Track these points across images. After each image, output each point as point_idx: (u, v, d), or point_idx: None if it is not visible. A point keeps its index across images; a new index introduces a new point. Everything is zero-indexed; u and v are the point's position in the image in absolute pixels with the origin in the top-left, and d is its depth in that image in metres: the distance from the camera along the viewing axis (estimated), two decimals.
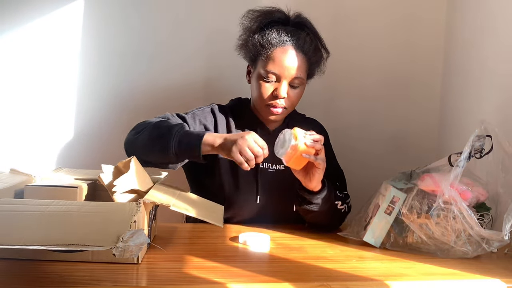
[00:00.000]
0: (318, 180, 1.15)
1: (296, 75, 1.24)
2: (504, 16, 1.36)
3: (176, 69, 1.68)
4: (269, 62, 1.24)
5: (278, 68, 1.23)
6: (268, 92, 1.25)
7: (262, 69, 1.25)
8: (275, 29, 1.26)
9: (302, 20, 1.32)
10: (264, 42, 1.25)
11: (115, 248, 0.76)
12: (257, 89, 1.26)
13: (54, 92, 1.64)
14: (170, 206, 0.96)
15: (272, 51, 1.24)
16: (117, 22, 1.65)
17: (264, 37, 1.25)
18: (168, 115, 1.27)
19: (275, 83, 1.25)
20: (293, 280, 0.83)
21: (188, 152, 1.13)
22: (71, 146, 1.65)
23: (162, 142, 1.13)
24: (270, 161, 1.30)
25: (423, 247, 1.05)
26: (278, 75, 1.23)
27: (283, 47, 1.24)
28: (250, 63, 1.33)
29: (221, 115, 1.33)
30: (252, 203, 1.28)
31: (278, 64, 1.23)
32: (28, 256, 0.86)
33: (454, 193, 1.00)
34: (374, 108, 1.75)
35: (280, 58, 1.23)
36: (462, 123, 1.58)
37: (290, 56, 1.24)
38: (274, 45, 1.24)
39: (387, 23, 1.73)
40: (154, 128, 1.17)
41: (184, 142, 1.13)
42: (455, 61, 1.66)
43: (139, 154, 1.11)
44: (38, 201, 0.90)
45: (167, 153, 1.13)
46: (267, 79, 1.24)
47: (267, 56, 1.24)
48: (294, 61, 1.24)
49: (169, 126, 1.16)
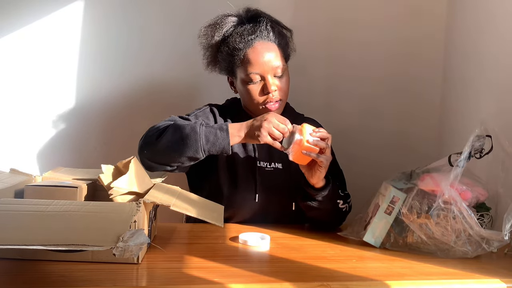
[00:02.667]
0: (319, 177, 1.16)
1: (276, 64, 1.26)
2: (504, 16, 1.36)
3: (176, 69, 1.68)
4: (246, 65, 1.25)
5: (257, 67, 1.24)
6: (257, 92, 1.26)
7: (243, 74, 1.26)
8: (236, 33, 1.27)
9: (254, 12, 1.32)
10: (232, 50, 1.26)
11: (115, 248, 0.76)
12: (247, 94, 1.27)
13: (54, 92, 1.64)
14: (170, 206, 0.96)
15: (244, 55, 1.25)
16: (117, 21, 1.65)
17: (229, 45, 1.27)
18: (174, 117, 1.26)
19: (260, 81, 1.26)
20: (293, 280, 0.83)
21: (217, 146, 1.14)
22: (71, 146, 1.65)
23: (189, 141, 1.12)
24: (268, 160, 1.31)
25: (423, 247, 1.05)
26: (260, 73, 1.25)
27: (252, 46, 1.25)
28: (228, 74, 1.34)
29: (218, 113, 1.34)
30: (251, 202, 1.28)
31: (255, 63, 1.24)
32: (28, 256, 0.86)
33: (454, 193, 1.00)
34: (374, 108, 1.75)
35: (254, 57, 1.24)
36: (462, 123, 1.58)
37: (262, 51, 1.25)
38: (242, 49, 1.25)
39: (387, 24, 1.73)
40: (176, 130, 1.15)
41: (211, 137, 1.13)
42: (455, 61, 1.66)
43: (161, 158, 1.14)
44: (38, 201, 0.90)
45: (196, 151, 1.13)
46: (252, 82, 1.25)
47: (241, 61, 1.25)
48: (268, 54, 1.25)
49: (191, 126, 1.15)
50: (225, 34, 1.30)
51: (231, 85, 1.36)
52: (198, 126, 1.14)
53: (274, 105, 1.26)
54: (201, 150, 1.13)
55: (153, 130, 1.19)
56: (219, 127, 1.15)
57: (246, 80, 1.26)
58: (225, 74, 1.35)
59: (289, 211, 1.29)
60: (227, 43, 1.28)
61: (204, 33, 1.32)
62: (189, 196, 1.13)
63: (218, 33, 1.30)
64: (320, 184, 1.19)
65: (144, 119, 1.66)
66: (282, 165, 1.31)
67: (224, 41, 1.29)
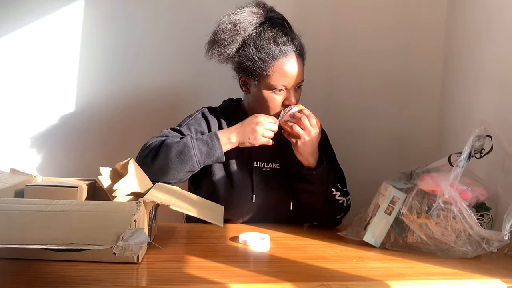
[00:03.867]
0: (303, 154, 1.21)
1: (301, 79, 1.27)
2: (502, 17, 1.36)
3: (176, 69, 1.68)
4: (276, 75, 1.23)
5: (286, 79, 1.24)
6: (279, 103, 1.27)
7: (268, 83, 1.24)
8: (270, 38, 1.24)
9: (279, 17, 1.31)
10: (265, 56, 1.23)
11: (115, 247, 0.76)
12: (266, 103, 1.26)
13: (54, 92, 1.64)
14: (170, 205, 0.96)
15: (276, 64, 1.23)
16: (117, 22, 1.65)
17: (262, 51, 1.23)
18: (165, 132, 1.26)
19: (283, 92, 1.26)
20: (293, 280, 0.83)
21: (211, 156, 1.19)
22: (71, 146, 1.65)
23: (184, 157, 1.16)
24: (265, 160, 1.31)
25: (423, 247, 1.05)
26: (287, 86, 1.25)
27: (285, 57, 1.24)
28: (246, 76, 1.28)
29: (212, 116, 1.34)
30: (248, 202, 1.28)
31: (285, 75, 1.24)
32: (28, 256, 0.86)
33: (454, 193, 1.00)
34: (374, 109, 1.75)
35: (286, 69, 1.24)
36: (462, 123, 1.58)
37: (293, 65, 1.25)
38: (276, 58, 1.23)
39: (387, 24, 1.73)
40: (169, 149, 1.17)
41: (204, 149, 1.18)
42: (454, 61, 1.66)
43: (156, 176, 1.15)
44: (38, 201, 0.90)
45: (192, 165, 1.17)
46: (276, 90, 1.25)
47: (272, 70, 1.23)
48: (297, 68, 1.25)
49: (183, 142, 1.18)
50: (251, 32, 1.26)
51: (243, 85, 1.32)
52: (190, 141, 1.18)
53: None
54: (197, 163, 1.17)
55: (146, 151, 1.20)
56: (209, 137, 1.19)
57: (271, 88, 1.25)
58: (241, 72, 1.30)
59: (286, 211, 1.29)
60: (259, 47, 1.24)
61: (228, 25, 1.26)
62: (189, 196, 1.13)
63: (244, 28, 1.25)
64: (308, 163, 1.22)
65: (144, 119, 1.67)
66: (279, 165, 1.32)
67: (252, 41, 1.25)
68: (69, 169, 1.64)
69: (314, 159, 1.22)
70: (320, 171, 1.23)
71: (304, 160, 1.22)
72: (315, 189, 1.24)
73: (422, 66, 1.75)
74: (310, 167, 1.23)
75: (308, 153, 1.21)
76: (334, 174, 1.30)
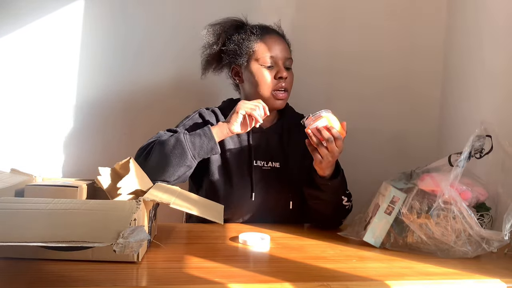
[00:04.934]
0: (319, 166, 1.18)
1: (288, 55, 1.32)
2: (503, 17, 1.36)
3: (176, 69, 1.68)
4: (261, 49, 1.30)
5: (273, 51, 1.30)
6: (270, 76, 1.29)
7: (256, 58, 1.30)
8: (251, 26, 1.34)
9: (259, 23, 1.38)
10: (248, 35, 1.31)
11: (115, 244, 0.76)
12: (258, 78, 1.30)
13: (54, 92, 1.64)
14: (170, 203, 0.96)
15: (260, 40, 1.30)
16: (117, 22, 1.65)
17: (244, 33, 1.32)
18: (161, 133, 1.27)
19: (273, 68, 1.30)
20: (293, 280, 0.83)
21: (204, 148, 1.18)
22: (71, 146, 1.65)
23: (178, 151, 1.16)
24: (265, 159, 1.31)
25: (423, 247, 1.05)
26: (274, 57, 1.29)
27: (269, 34, 1.32)
28: (235, 62, 1.34)
29: (210, 116, 1.35)
30: (247, 201, 1.28)
31: (271, 47, 1.30)
32: (28, 255, 0.86)
33: (454, 193, 1.00)
34: (374, 109, 1.75)
35: (270, 42, 1.31)
36: (462, 123, 1.58)
37: (276, 40, 1.32)
38: (258, 35, 1.31)
39: (387, 24, 1.73)
40: (161, 146, 1.17)
41: (197, 141, 1.18)
42: (455, 61, 1.66)
43: (154, 175, 1.14)
44: (38, 200, 0.90)
45: (186, 159, 1.16)
46: (265, 65, 1.29)
47: (257, 45, 1.30)
48: (281, 44, 1.32)
49: (175, 137, 1.18)
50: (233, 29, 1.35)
51: (235, 75, 1.37)
52: (182, 135, 1.18)
53: (283, 93, 1.30)
54: (191, 156, 1.17)
55: (140, 152, 1.20)
56: (201, 130, 1.20)
57: (260, 63, 1.29)
58: (230, 63, 1.35)
59: (286, 210, 1.29)
60: (240, 32, 1.33)
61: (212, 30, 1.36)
62: (188, 195, 1.13)
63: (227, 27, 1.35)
64: (324, 174, 1.20)
65: (144, 119, 1.67)
66: (279, 164, 1.32)
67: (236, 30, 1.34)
68: (69, 169, 1.64)
69: (331, 170, 1.21)
70: (335, 182, 1.21)
71: (320, 171, 1.20)
72: (326, 197, 1.23)
73: (422, 66, 1.75)
74: (325, 177, 1.21)
75: (327, 168, 1.19)
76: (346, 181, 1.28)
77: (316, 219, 1.30)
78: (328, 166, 1.18)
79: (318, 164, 1.17)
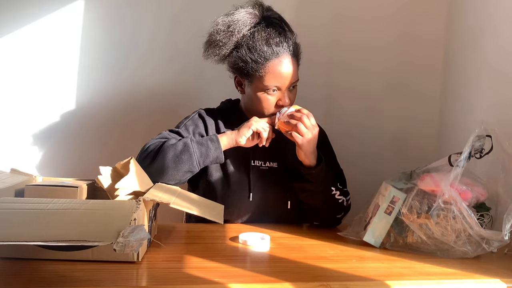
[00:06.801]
0: (303, 154, 1.20)
1: (294, 79, 1.27)
2: (503, 16, 1.36)
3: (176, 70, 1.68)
4: (268, 76, 1.23)
5: (279, 80, 1.24)
6: (272, 104, 1.27)
7: (261, 83, 1.24)
8: (261, 37, 1.23)
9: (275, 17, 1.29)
10: (257, 57, 1.22)
11: (115, 243, 0.76)
12: (260, 103, 1.27)
13: (54, 92, 1.64)
14: (170, 203, 0.96)
15: (268, 65, 1.23)
16: (117, 22, 1.65)
17: (255, 53, 1.23)
18: (164, 134, 1.27)
19: (277, 92, 1.26)
20: (293, 280, 0.83)
21: (210, 157, 1.20)
22: (71, 146, 1.65)
23: (184, 157, 1.17)
24: (263, 159, 1.31)
25: (423, 247, 1.05)
26: (280, 86, 1.25)
27: (278, 57, 1.23)
28: (240, 76, 1.29)
29: (209, 118, 1.34)
30: (245, 201, 1.28)
31: (278, 76, 1.24)
32: (28, 255, 0.86)
33: (454, 193, 1.00)
34: (374, 108, 1.75)
35: (278, 70, 1.23)
36: (462, 123, 1.58)
37: (286, 65, 1.24)
38: (268, 59, 1.23)
39: (387, 23, 1.73)
40: (169, 150, 1.17)
41: (203, 149, 1.19)
42: (455, 61, 1.66)
43: (156, 177, 1.14)
44: (38, 200, 0.90)
45: (191, 165, 1.17)
46: (269, 91, 1.25)
47: (265, 71, 1.23)
48: (290, 68, 1.25)
49: (183, 142, 1.19)
50: (246, 33, 1.25)
51: (238, 84, 1.33)
52: (189, 141, 1.19)
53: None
54: (196, 163, 1.18)
55: (145, 153, 1.20)
56: (209, 138, 1.21)
57: (264, 89, 1.25)
58: (236, 73, 1.31)
59: (284, 210, 1.30)
60: (252, 48, 1.23)
61: (222, 27, 1.25)
62: (189, 195, 1.13)
63: (238, 30, 1.24)
64: (309, 162, 1.22)
65: (144, 119, 1.67)
66: (277, 164, 1.32)
67: (245, 42, 1.24)
68: (69, 169, 1.64)
69: (314, 157, 1.23)
70: (319, 169, 1.23)
71: (305, 159, 1.22)
72: (314, 188, 1.24)
73: (422, 66, 1.75)
74: (310, 166, 1.23)
75: (310, 152, 1.21)
76: (333, 173, 1.30)
77: (311, 215, 1.30)
78: (310, 150, 1.20)
79: (301, 147, 1.20)
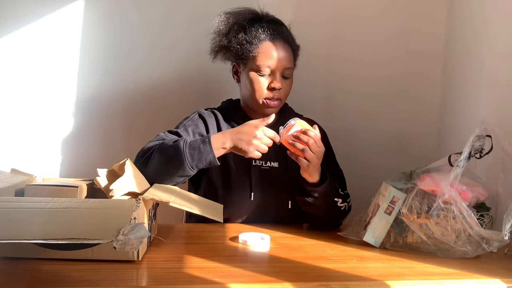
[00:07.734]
0: (307, 173, 1.17)
1: (288, 65, 1.29)
2: (502, 17, 1.36)
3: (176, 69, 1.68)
4: (261, 56, 1.27)
5: (271, 61, 1.27)
6: (264, 85, 1.28)
7: (254, 64, 1.28)
8: (258, 25, 1.29)
9: (274, 18, 1.36)
10: (252, 38, 1.28)
11: (115, 241, 0.76)
12: (252, 85, 1.28)
13: (54, 92, 1.64)
14: (169, 202, 0.96)
15: (262, 46, 1.27)
16: (118, 21, 1.65)
17: (250, 34, 1.28)
18: (161, 135, 1.25)
19: (269, 76, 1.28)
20: (293, 280, 0.83)
21: (203, 161, 1.13)
22: (71, 146, 1.65)
23: (176, 162, 1.12)
24: (264, 159, 1.31)
25: (423, 247, 1.05)
26: (272, 67, 1.27)
27: (271, 40, 1.28)
28: (236, 62, 1.34)
29: (210, 117, 1.34)
30: (246, 200, 1.28)
31: (270, 56, 1.27)
32: (28, 255, 0.86)
33: (454, 193, 1.00)
34: (374, 109, 1.75)
35: (271, 50, 1.27)
36: (462, 123, 1.58)
37: (279, 48, 1.28)
38: (262, 40, 1.28)
39: (387, 23, 1.73)
40: (161, 153, 1.15)
41: (195, 154, 1.13)
42: (454, 61, 1.66)
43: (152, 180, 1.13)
44: (38, 199, 0.90)
45: (184, 170, 1.13)
46: (261, 73, 1.27)
47: (258, 51, 1.27)
48: (283, 52, 1.28)
49: (174, 146, 1.14)
50: (245, 23, 1.30)
51: (234, 73, 1.37)
52: (182, 145, 1.13)
53: (274, 102, 1.29)
54: (188, 168, 1.12)
55: (140, 156, 1.19)
56: (202, 141, 1.14)
57: (256, 71, 1.28)
58: (232, 60, 1.35)
59: (285, 210, 1.29)
60: (247, 31, 1.29)
61: (223, 19, 1.32)
62: (188, 195, 1.13)
63: (239, 20, 1.31)
64: (313, 180, 1.19)
65: (144, 119, 1.67)
66: (278, 164, 1.32)
67: (244, 29, 1.30)
68: (69, 169, 1.64)
69: (318, 174, 1.20)
70: (324, 187, 1.21)
71: (309, 178, 1.19)
72: (318, 203, 1.22)
73: (422, 66, 1.74)
74: (314, 183, 1.20)
75: (315, 172, 1.19)
76: (336, 184, 1.28)
77: (312, 222, 1.30)
78: (315, 170, 1.18)
79: (306, 170, 1.17)
